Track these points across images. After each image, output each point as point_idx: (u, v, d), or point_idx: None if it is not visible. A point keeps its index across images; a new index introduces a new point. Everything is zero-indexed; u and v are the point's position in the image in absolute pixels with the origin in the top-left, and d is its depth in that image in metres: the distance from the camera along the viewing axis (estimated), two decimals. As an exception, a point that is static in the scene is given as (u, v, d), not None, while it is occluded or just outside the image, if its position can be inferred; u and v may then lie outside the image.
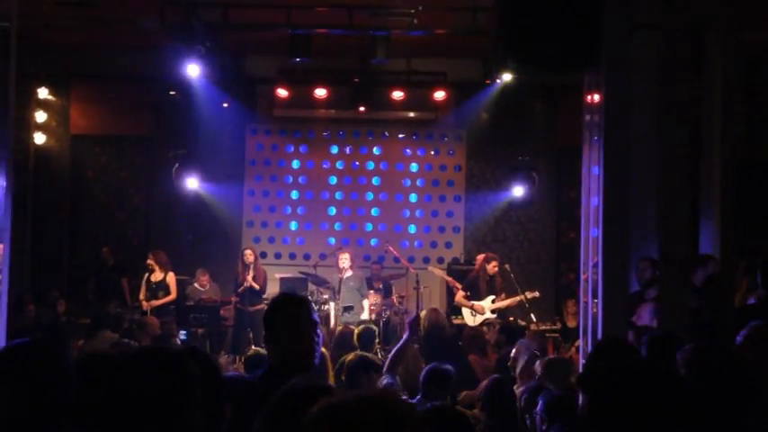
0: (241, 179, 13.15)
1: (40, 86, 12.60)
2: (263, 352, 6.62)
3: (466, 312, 10.47)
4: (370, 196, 13.29)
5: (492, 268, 10.46)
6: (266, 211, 13.30)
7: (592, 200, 6.70)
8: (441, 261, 12.76)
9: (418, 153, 13.31)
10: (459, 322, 10.51)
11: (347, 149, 13.34)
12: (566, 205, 12.78)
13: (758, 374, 2.94)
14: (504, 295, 10.48)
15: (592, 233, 6.73)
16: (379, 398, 1.61)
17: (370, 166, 13.31)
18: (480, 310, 10.36)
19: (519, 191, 12.25)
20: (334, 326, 10.54)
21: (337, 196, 13.30)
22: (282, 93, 12.25)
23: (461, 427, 3.32)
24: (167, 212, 12.97)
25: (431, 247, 13.15)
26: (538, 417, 4.18)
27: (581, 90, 7.07)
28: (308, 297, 4.57)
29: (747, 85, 10.79)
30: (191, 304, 11.45)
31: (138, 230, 13.26)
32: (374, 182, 13.30)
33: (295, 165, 13.31)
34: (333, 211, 13.29)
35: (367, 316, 10.82)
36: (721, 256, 6.70)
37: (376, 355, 8.03)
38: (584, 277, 7.08)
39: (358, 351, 6.93)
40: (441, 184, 13.28)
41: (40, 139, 12.85)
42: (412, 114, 12.82)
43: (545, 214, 13.15)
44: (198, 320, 11.25)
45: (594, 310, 6.43)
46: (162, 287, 11.08)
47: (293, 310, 3.21)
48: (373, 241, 13.11)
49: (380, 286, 11.49)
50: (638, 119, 6.29)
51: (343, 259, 11.21)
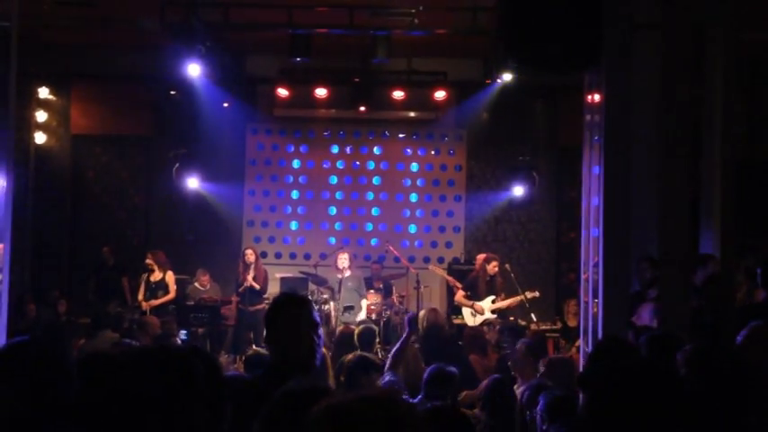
0: (241, 179, 13.14)
1: (40, 86, 12.59)
2: (263, 352, 6.62)
3: (466, 312, 10.46)
4: (370, 196, 13.28)
5: (492, 268, 10.45)
6: (267, 211, 13.29)
7: (592, 200, 6.71)
8: (441, 261, 12.76)
9: (419, 153, 13.31)
10: (459, 322, 10.52)
11: (348, 149, 13.34)
12: (566, 205, 12.76)
13: (758, 374, 2.95)
14: (504, 295, 10.48)
15: (592, 233, 6.74)
16: (380, 398, 1.62)
17: (371, 165, 13.31)
18: (480, 310, 10.35)
19: (519, 191, 12.24)
20: (334, 326, 10.55)
21: (338, 196, 13.30)
22: (283, 92, 12.25)
23: (462, 427, 3.32)
24: (168, 212, 12.96)
25: (431, 247, 13.15)
26: (538, 416, 4.19)
27: (581, 90, 7.07)
28: (309, 297, 4.57)
29: (747, 85, 10.80)
30: (191, 304, 11.45)
31: (139, 230, 13.26)
32: (375, 181, 13.29)
33: (295, 164, 13.31)
34: (333, 210, 13.28)
35: (364, 316, 10.82)
36: (721, 255, 6.70)
37: (376, 354, 8.03)
38: (584, 277, 7.08)
39: (358, 351, 6.93)
40: (441, 183, 13.27)
41: (40, 138, 12.85)
42: (412, 114, 12.81)
43: (545, 214, 13.15)
44: (198, 320, 11.25)
45: (595, 309, 6.44)
46: (161, 287, 11.08)
47: (294, 310, 3.22)
48: (374, 241, 13.11)
49: (381, 286, 11.49)
50: (638, 119, 6.30)
51: (342, 259, 11.22)
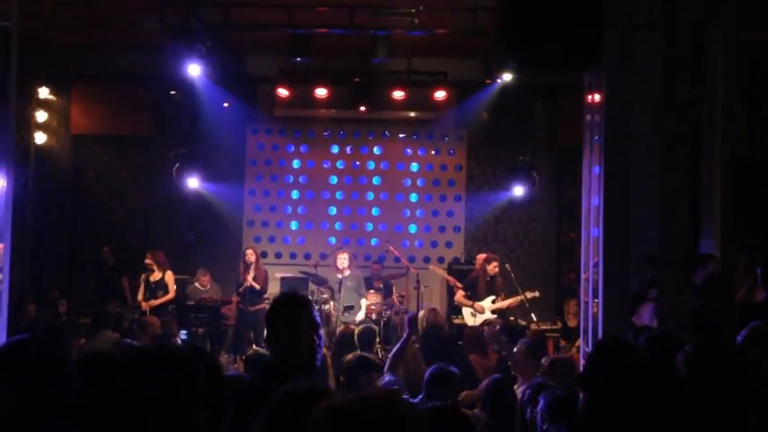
0: (242, 179, 13.14)
1: (40, 86, 12.59)
2: (263, 352, 6.64)
3: (466, 312, 10.46)
4: (370, 196, 13.28)
5: (492, 269, 10.44)
6: (267, 211, 13.29)
7: (592, 200, 6.71)
8: (441, 261, 12.76)
9: (419, 153, 13.30)
10: (459, 322, 10.52)
11: (348, 149, 13.33)
12: (566, 205, 12.76)
13: (758, 374, 2.94)
14: (504, 295, 10.48)
15: (592, 233, 6.74)
16: (381, 398, 1.62)
17: (371, 165, 13.30)
18: (481, 309, 10.35)
19: (519, 190, 12.23)
20: (334, 326, 10.55)
21: (338, 196, 13.29)
22: (283, 92, 12.24)
23: (462, 427, 3.33)
24: (168, 212, 12.95)
25: (431, 247, 13.15)
26: (539, 416, 4.19)
27: (582, 90, 7.08)
28: (309, 297, 4.58)
29: (747, 85, 10.79)
30: (191, 304, 11.45)
31: (139, 230, 13.26)
32: (375, 181, 13.29)
33: (296, 164, 13.30)
34: (333, 210, 13.28)
35: (363, 315, 10.82)
36: (721, 255, 6.70)
37: (376, 354, 8.03)
38: (584, 277, 7.09)
39: (358, 351, 6.93)
40: (441, 183, 13.27)
41: (40, 138, 12.84)
42: (412, 114, 12.81)
43: (546, 214, 13.15)
44: (198, 320, 11.25)
45: (595, 309, 6.44)
46: (161, 286, 11.08)
47: (294, 309, 3.22)
48: (374, 241, 13.10)
49: (381, 286, 11.48)
50: (638, 119, 6.30)
51: (342, 259, 11.22)
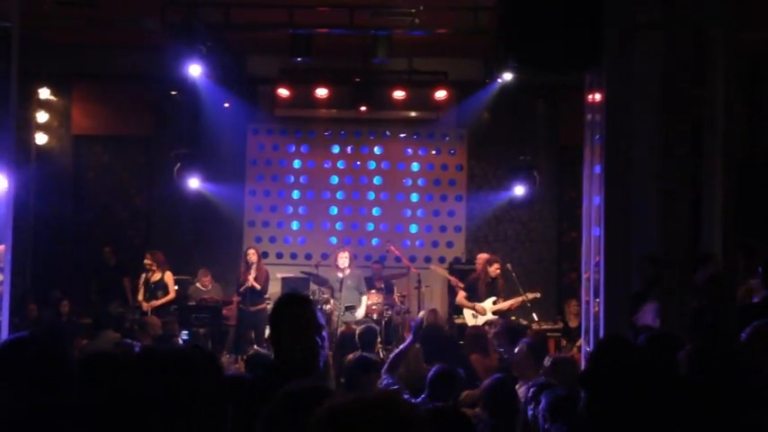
0: (242, 179, 13.14)
1: (41, 86, 12.59)
2: (264, 352, 6.65)
3: (467, 313, 10.46)
4: (371, 196, 13.28)
5: (494, 270, 10.43)
6: (268, 211, 13.29)
7: (593, 199, 6.71)
8: (442, 261, 12.76)
9: (419, 152, 13.30)
10: (460, 322, 10.51)
11: (348, 149, 13.34)
12: (567, 205, 12.76)
13: (758, 374, 2.95)
14: (504, 297, 10.47)
15: (593, 232, 6.74)
16: (382, 399, 1.62)
17: (372, 165, 13.31)
18: (482, 311, 10.35)
19: (520, 190, 12.24)
20: (335, 325, 10.54)
21: (339, 196, 13.30)
22: (284, 92, 12.25)
23: (463, 426, 3.33)
24: (169, 212, 12.96)
25: (432, 247, 13.15)
26: (540, 415, 4.19)
27: (582, 89, 7.07)
28: (311, 297, 4.58)
29: (747, 85, 10.79)
30: (192, 304, 11.45)
31: (140, 230, 13.26)
32: (375, 181, 13.29)
33: (296, 164, 13.31)
34: (334, 210, 13.28)
35: (363, 315, 10.81)
36: (722, 255, 6.69)
37: (377, 354, 8.04)
38: (585, 276, 7.08)
39: (359, 351, 6.93)
40: (442, 183, 13.27)
41: (41, 139, 12.85)
42: (413, 114, 12.82)
43: (546, 214, 13.15)
44: (199, 320, 11.25)
45: (596, 309, 6.44)
46: (160, 287, 11.07)
47: (296, 310, 3.22)
48: (375, 241, 13.11)
49: (382, 286, 11.48)
50: (638, 119, 6.30)
51: (342, 258, 11.22)
